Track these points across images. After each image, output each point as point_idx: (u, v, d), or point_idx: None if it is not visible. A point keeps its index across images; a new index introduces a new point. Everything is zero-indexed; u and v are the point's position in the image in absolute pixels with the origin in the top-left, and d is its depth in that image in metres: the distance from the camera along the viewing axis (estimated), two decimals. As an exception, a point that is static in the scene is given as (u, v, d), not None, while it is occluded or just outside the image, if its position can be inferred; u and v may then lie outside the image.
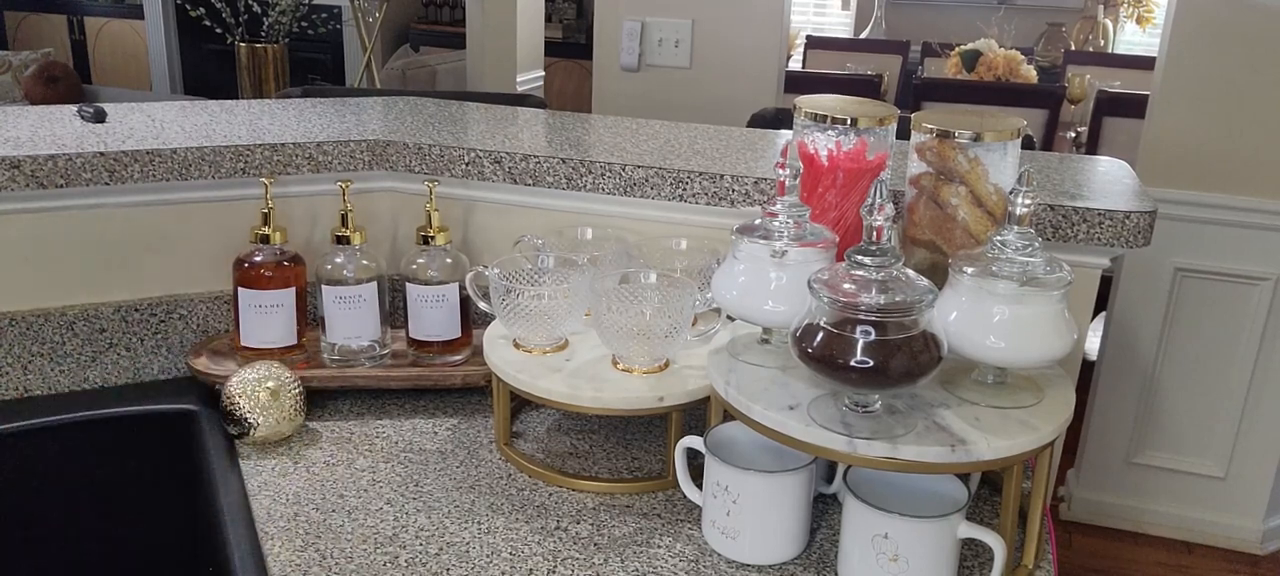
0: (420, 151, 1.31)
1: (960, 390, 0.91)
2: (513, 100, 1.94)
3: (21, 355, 1.18)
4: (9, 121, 1.30)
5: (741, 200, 1.22)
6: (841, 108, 1.01)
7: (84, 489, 1.16)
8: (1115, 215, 1.10)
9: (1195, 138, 2.34)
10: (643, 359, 1.04)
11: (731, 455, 0.92)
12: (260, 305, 1.20)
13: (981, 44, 4.49)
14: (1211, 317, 2.42)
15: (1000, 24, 5.28)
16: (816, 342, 0.83)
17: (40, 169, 1.14)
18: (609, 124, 1.51)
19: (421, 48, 5.81)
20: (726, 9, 2.86)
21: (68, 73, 4.91)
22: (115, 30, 6.00)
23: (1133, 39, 5.89)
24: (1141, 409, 2.54)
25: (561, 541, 0.95)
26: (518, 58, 3.56)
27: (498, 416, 1.11)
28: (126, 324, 1.22)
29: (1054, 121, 3.80)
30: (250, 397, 1.09)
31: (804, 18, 6.54)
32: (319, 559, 0.92)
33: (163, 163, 1.20)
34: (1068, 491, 2.68)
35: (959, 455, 0.83)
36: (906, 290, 0.82)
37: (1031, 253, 0.87)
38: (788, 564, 0.93)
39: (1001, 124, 0.98)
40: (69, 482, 1.15)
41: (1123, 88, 3.83)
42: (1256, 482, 2.52)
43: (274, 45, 3.53)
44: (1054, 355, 0.88)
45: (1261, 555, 2.55)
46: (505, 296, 1.06)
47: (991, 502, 1.03)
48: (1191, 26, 2.31)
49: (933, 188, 1.00)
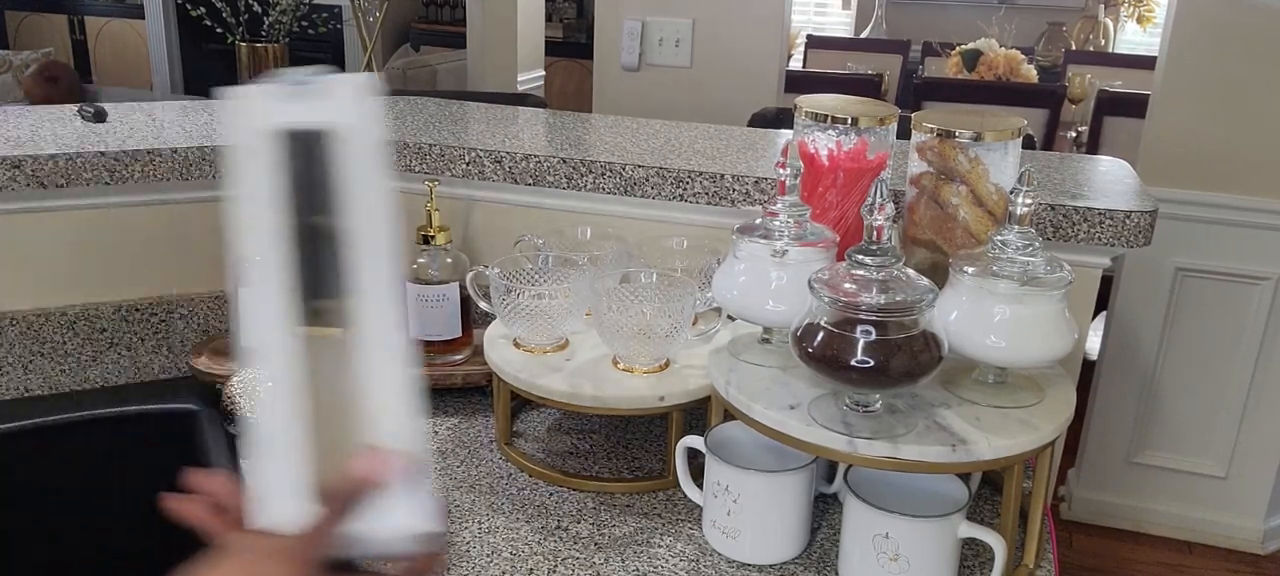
0: (420, 151, 1.30)
1: (961, 390, 0.91)
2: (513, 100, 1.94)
3: (22, 355, 1.18)
4: (10, 121, 1.30)
5: (742, 200, 1.22)
6: (842, 107, 1.01)
7: (84, 488, 1.16)
8: (1116, 215, 1.10)
9: (1196, 137, 2.34)
10: (643, 358, 1.04)
11: (732, 455, 0.92)
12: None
13: (982, 43, 4.48)
14: (1212, 317, 2.42)
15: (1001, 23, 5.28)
16: (817, 342, 0.83)
17: (41, 169, 1.14)
18: (609, 124, 1.51)
19: (422, 47, 5.80)
20: (727, 8, 2.85)
21: (68, 72, 4.91)
22: (116, 30, 6.00)
23: (1133, 38, 5.89)
24: (1142, 408, 2.54)
25: (561, 541, 0.95)
26: (518, 57, 3.56)
27: (498, 416, 1.11)
28: (127, 323, 1.22)
29: (1055, 121, 3.80)
30: (251, 397, 1.09)
31: (804, 17, 6.53)
32: (319, 558, 0.92)
33: (163, 162, 1.20)
34: (1068, 491, 2.68)
35: (960, 455, 0.83)
36: (907, 290, 0.82)
37: (1032, 252, 0.87)
38: (788, 563, 0.93)
39: (1002, 123, 0.98)
40: (69, 482, 1.15)
41: (1123, 87, 3.83)
42: (1257, 482, 2.52)
43: (274, 45, 3.52)
44: (1055, 355, 0.88)
45: (1262, 555, 2.55)
46: (505, 296, 1.06)
47: (992, 502, 1.03)
48: (1192, 26, 2.30)
49: (933, 187, 0.99)
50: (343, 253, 0.57)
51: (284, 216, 0.56)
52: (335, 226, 0.57)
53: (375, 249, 0.56)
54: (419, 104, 1.58)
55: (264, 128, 0.56)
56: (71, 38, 6.04)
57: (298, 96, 0.56)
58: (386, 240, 0.57)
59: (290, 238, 0.56)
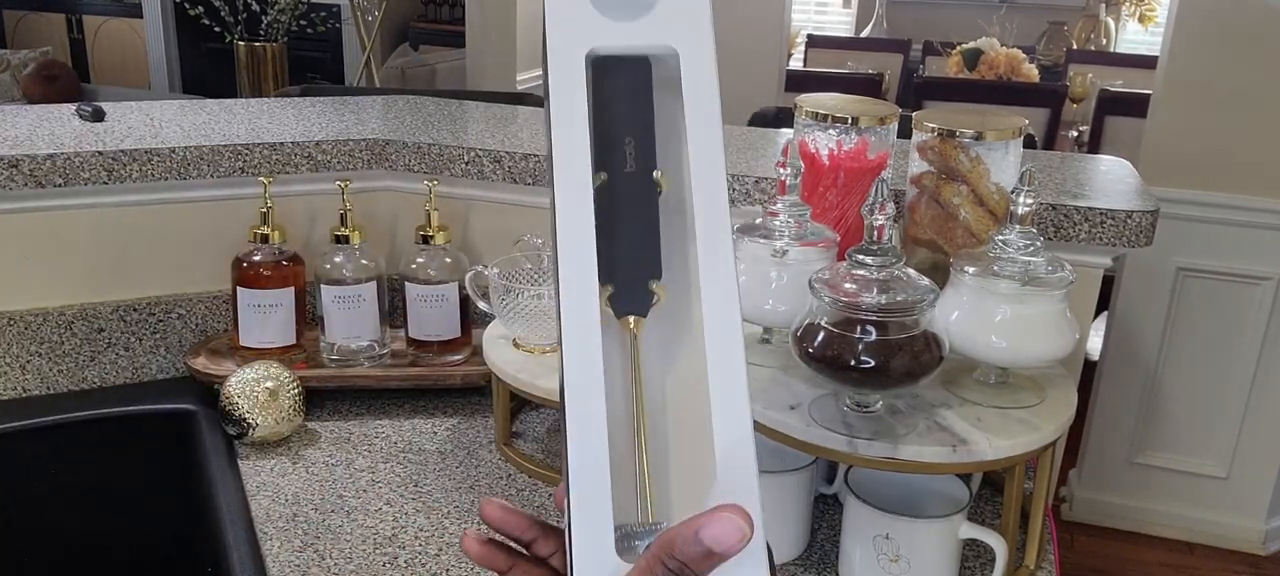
0: (420, 150, 1.30)
1: (962, 390, 0.91)
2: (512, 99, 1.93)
3: (20, 355, 1.18)
4: (8, 120, 1.29)
5: (742, 200, 1.21)
6: (843, 106, 1.01)
7: (82, 489, 1.15)
8: (1117, 214, 1.10)
9: (1197, 137, 2.33)
10: (643, 359, 1.03)
11: (732, 455, 0.92)
12: (259, 305, 1.19)
13: (983, 43, 4.48)
14: (1214, 317, 2.42)
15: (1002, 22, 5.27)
16: (817, 342, 0.82)
17: (39, 168, 1.14)
18: (609, 123, 1.51)
19: (421, 46, 5.80)
20: (727, 8, 2.85)
21: (66, 71, 4.91)
22: (114, 29, 6.00)
23: (1135, 38, 5.89)
24: (1143, 409, 2.53)
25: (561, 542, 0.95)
26: (518, 56, 3.55)
27: (497, 416, 1.10)
28: (125, 323, 1.22)
29: (1056, 120, 3.80)
30: (249, 397, 1.09)
31: (805, 16, 6.53)
32: (318, 559, 0.91)
33: (161, 162, 1.20)
34: (1069, 491, 2.68)
35: (960, 455, 0.82)
36: (908, 290, 0.82)
37: (1033, 252, 0.86)
38: (788, 564, 0.92)
39: (1003, 123, 0.97)
40: (67, 482, 1.15)
41: (1125, 87, 3.83)
42: (1258, 483, 2.52)
43: (273, 44, 3.52)
44: (1056, 355, 0.88)
45: (1263, 555, 2.55)
46: (505, 296, 1.06)
47: (993, 503, 1.02)
48: (1194, 25, 2.30)
49: (934, 187, 0.99)
50: (675, 218, 0.45)
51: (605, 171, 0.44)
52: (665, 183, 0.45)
53: (714, 212, 0.43)
54: (418, 103, 1.58)
55: (583, 51, 0.44)
56: (69, 37, 6.03)
57: (626, 9, 0.44)
58: (724, 199, 0.44)
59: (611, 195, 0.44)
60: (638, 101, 0.45)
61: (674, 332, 0.44)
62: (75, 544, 1.17)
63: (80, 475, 1.16)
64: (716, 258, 0.42)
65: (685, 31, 0.44)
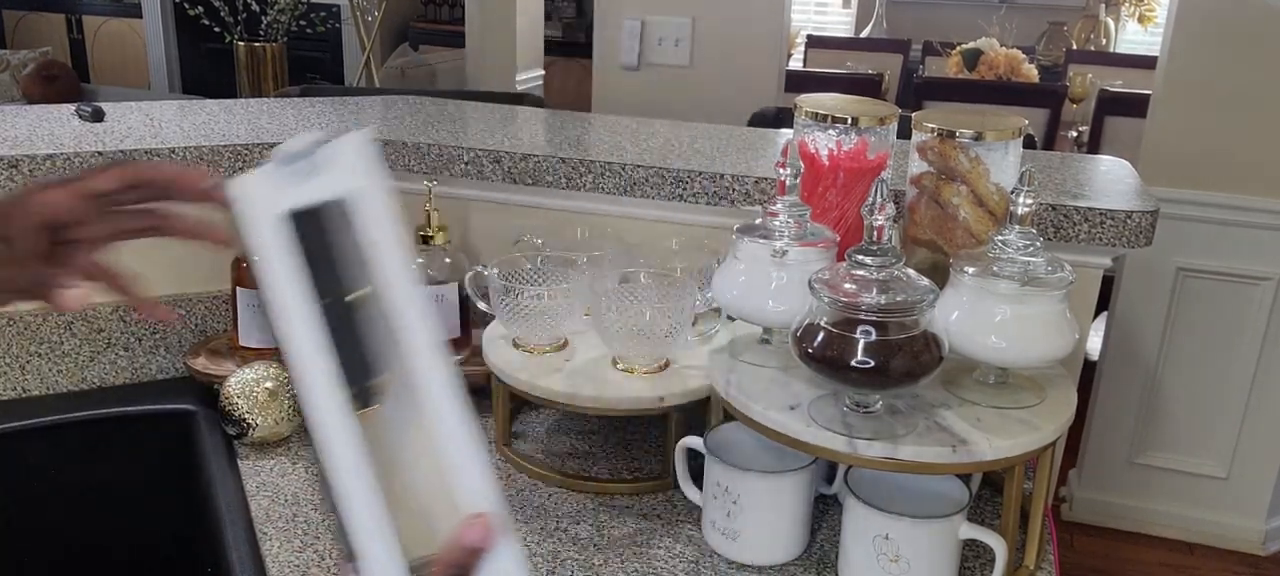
0: (419, 151, 1.30)
1: (961, 390, 0.91)
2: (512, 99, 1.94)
3: (20, 355, 1.18)
4: (7, 120, 1.29)
5: (742, 200, 1.21)
6: (842, 107, 1.01)
7: (82, 489, 1.15)
8: (1117, 215, 1.10)
9: (1197, 137, 2.33)
10: (643, 359, 1.03)
11: (732, 455, 0.92)
12: (259, 305, 1.19)
13: (983, 43, 4.48)
14: (1213, 317, 2.42)
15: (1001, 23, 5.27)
16: (817, 342, 0.82)
17: (38, 168, 1.14)
18: (609, 123, 1.51)
19: (421, 46, 5.80)
20: (727, 8, 2.85)
21: (66, 71, 4.91)
22: (113, 29, 6.00)
23: (1134, 38, 5.89)
24: (1143, 409, 2.53)
25: (561, 542, 0.95)
26: (517, 56, 3.55)
27: (497, 416, 1.10)
28: (124, 323, 1.22)
29: (1055, 121, 3.80)
30: (248, 397, 1.09)
31: (804, 16, 6.53)
32: (318, 559, 0.91)
33: (161, 162, 1.20)
34: (1069, 492, 2.68)
35: (960, 455, 0.82)
36: (907, 290, 0.82)
37: (1033, 252, 0.86)
38: (788, 564, 0.92)
39: (1003, 123, 0.97)
40: (67, 482, 1.15)
41: (1124, 87, 3.82)
42: (1258, 483, 2.52)
43: (273, 44, 3.52)
44: (1056, 355, 0.88)
45: (1263, 556, 2.55)
46: (505, 296, 1.06)
47: (993, 503, 1.02)
48: (1193, 25, 2.30)
49: (934, 187, 0.99)
50: (381, 324, 0.54)
51: (314, 302, 0.54)
52: (366, 298, 0.54)
53: (410, 310, 0.54)
54: (417, 104, 1.58)
55: (274, 216, 0.54)
56: (69, 37, 6.03)
57: (300, 175, 0.55)
58: (419, 298, 0.54)
59: (325, 321, 0.54)
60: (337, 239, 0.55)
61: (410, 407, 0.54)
62: (75, 544, 1.17)
63: (80, 475, 1.16)
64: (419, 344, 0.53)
65: (351, 178, 0.55)
